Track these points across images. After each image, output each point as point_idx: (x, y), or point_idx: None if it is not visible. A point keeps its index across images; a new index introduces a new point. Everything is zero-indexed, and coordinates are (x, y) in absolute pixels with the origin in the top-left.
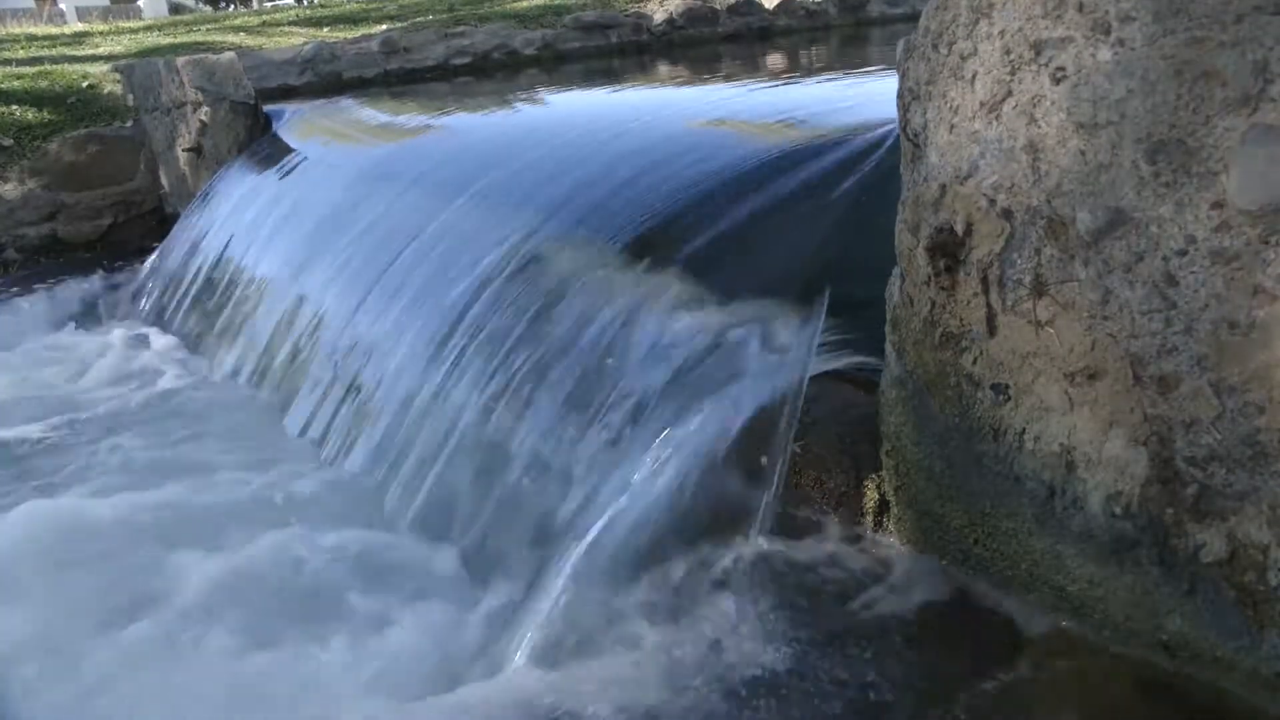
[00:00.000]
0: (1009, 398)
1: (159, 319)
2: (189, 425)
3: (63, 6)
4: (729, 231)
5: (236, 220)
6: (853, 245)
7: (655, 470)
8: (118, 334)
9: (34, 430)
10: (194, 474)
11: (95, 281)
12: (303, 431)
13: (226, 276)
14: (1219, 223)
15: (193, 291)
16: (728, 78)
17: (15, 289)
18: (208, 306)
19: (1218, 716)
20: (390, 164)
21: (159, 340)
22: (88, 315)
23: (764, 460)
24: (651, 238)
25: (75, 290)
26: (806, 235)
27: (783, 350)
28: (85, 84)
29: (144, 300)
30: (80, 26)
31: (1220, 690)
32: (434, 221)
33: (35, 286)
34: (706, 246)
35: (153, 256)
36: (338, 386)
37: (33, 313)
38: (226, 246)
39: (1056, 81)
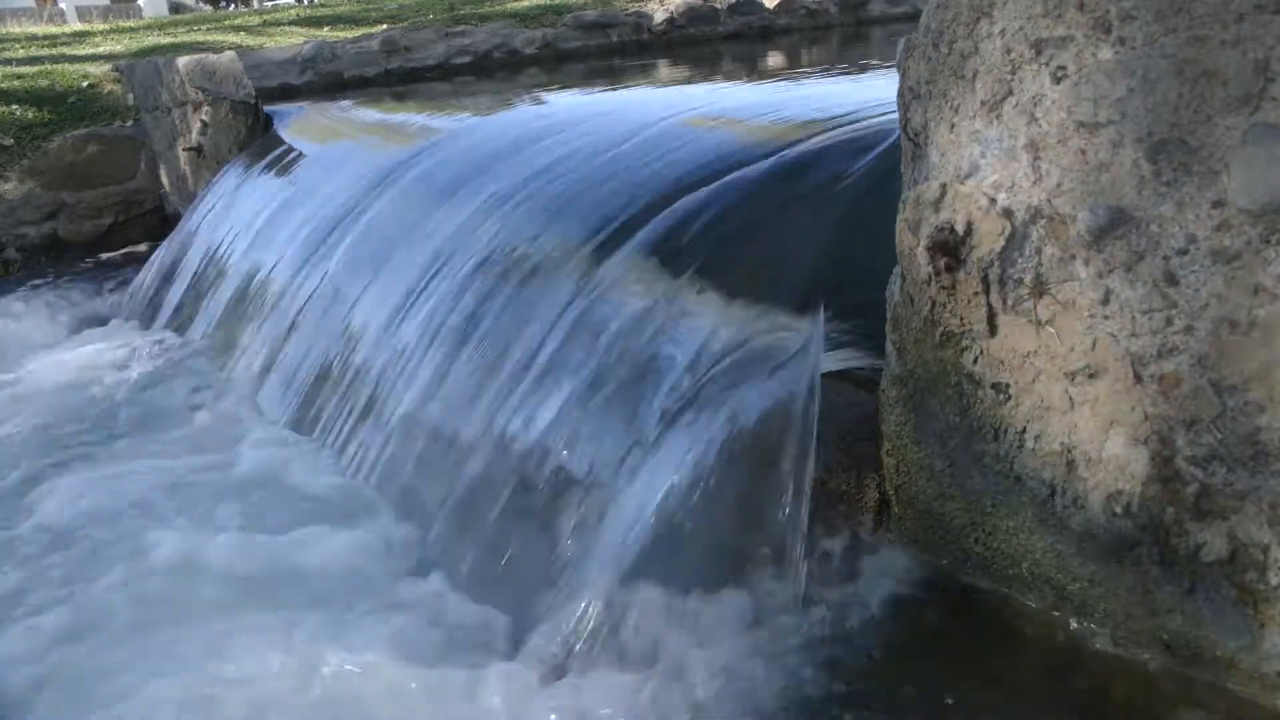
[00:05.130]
0: (1009, 397)
1: (158, 317)
2: None
3: (63, 6)
4: None
5: (256, 223)
6: None
7: None
8: (119, 332)
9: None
10: None
11: (97, 281)
12: None
13: (223, 274)
14: (1219, 222)
15: (197, 290)
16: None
17: (16, 289)
18: (216, 307)
19: (1218, 715)
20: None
21: (159, 337)
22: (90, 315)
23: None
24: None
25: (77, 290)
26: None
27: None
28: (85, 83)
29: (145, 299)
30: (80, 26)
31: (1221, 689)
32: None
33: (37, 287)
34: None
35: (154, 255)
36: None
37: (35, 313)
38: (226, 246)
39: (1057, 80)
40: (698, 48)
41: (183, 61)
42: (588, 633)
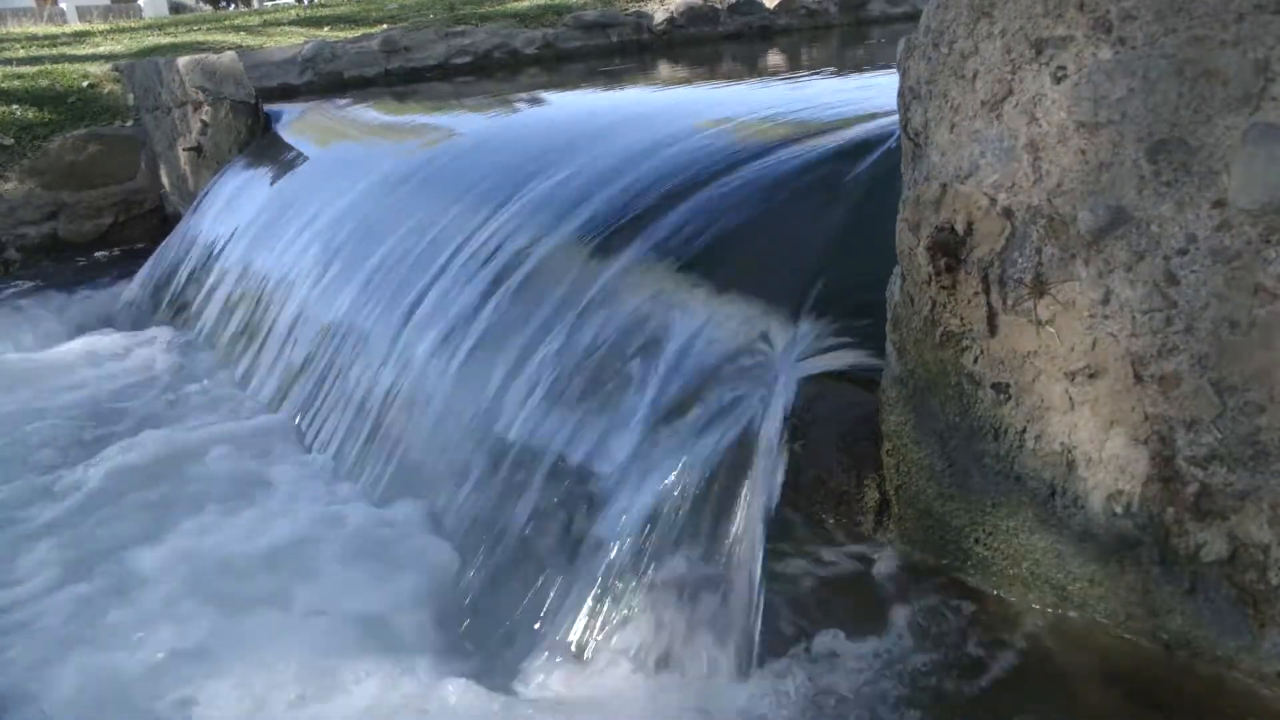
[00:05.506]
0: (1010, 397)
1: (158, 317)
2: None
3: (63, 6)
4: None
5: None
6: None
7: None
8: (118, 332)
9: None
10: None
11: (97, 281)
12: None
13: (223, 274)
14: (1220, 222)
15: (196, 291)
16: None
17: (16, 289)
18: (215, 306)
19: (1218, 716)
20: None
21: (158, 336)
22: (89, 315)
23: None
24: None
25: (77, 290)
26: None
27: None
28: (85, 83)
29: (144, 299)
30: (80, 26)
31: (1221, 689)
32: None
33: (37, 287)
34: None
35: (155, 256)
36: None
37: (35, 313)
38: (226, 246)
39: (1057, 80)
40: (698, 48)
41: (183, 61)
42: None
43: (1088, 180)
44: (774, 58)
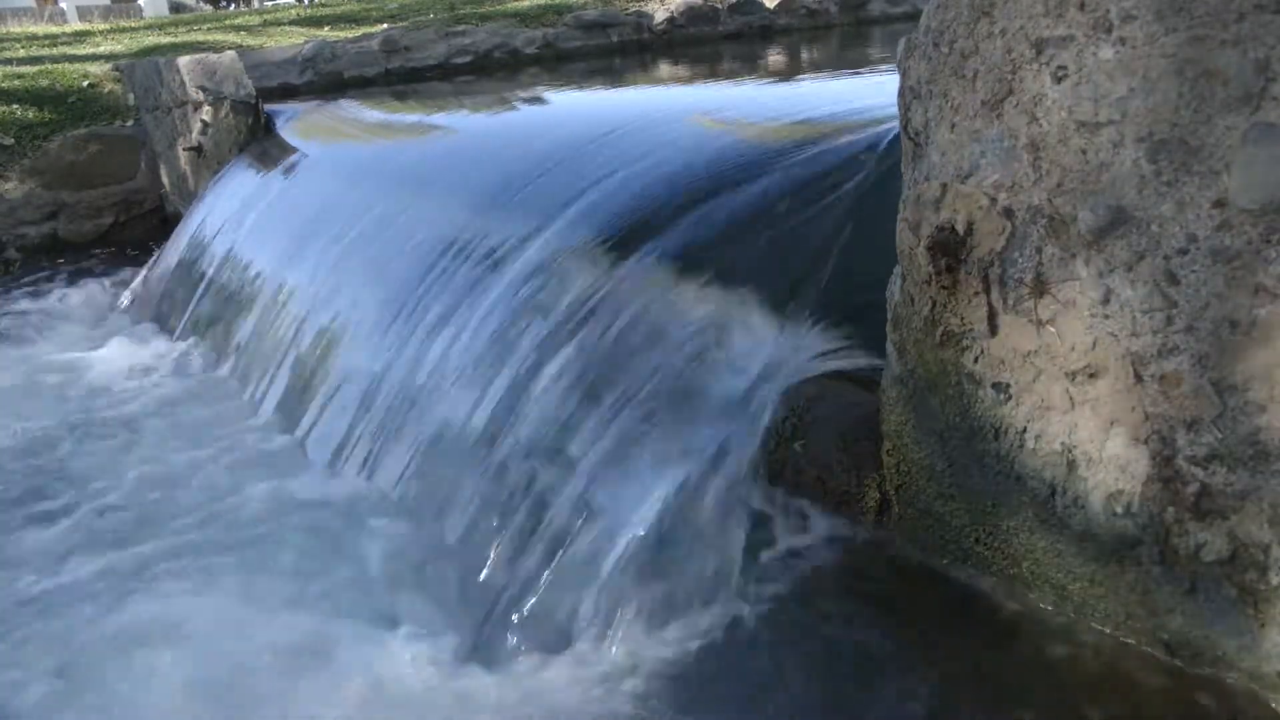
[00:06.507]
0: (1010, 396)
1: (158, 316)
2: None
3: (63, 5)
4: None
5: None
6: None
7: None
8: (119, 331)
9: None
10: None
11: (97, 282)
12: None
13: (222, 273)
14: (1220, 221)
15: (194, 290)
16: None
17: (17, 289)
18: (211, 304)
19: (1217, 715)
20: None
21: (159, 335)
22: (89, 314)
23: None
24: None
25: (77, 290)
26: None
27: None
28: (86, 83)
29: (144, 299)
30: (81, 26)
31: (1221, 689)
32: None
33: (37, 287)
34: None
35: (155, 256)
36: None
37: (36, 313)
38: (227, 246)
39: (1058, 80)
40: (698, 47)
41: (183, 61)
42: None
43: (1088, 180)
44: (776, 57)
